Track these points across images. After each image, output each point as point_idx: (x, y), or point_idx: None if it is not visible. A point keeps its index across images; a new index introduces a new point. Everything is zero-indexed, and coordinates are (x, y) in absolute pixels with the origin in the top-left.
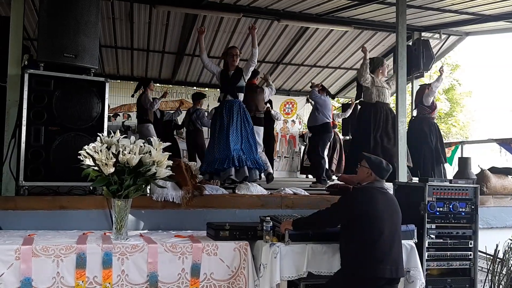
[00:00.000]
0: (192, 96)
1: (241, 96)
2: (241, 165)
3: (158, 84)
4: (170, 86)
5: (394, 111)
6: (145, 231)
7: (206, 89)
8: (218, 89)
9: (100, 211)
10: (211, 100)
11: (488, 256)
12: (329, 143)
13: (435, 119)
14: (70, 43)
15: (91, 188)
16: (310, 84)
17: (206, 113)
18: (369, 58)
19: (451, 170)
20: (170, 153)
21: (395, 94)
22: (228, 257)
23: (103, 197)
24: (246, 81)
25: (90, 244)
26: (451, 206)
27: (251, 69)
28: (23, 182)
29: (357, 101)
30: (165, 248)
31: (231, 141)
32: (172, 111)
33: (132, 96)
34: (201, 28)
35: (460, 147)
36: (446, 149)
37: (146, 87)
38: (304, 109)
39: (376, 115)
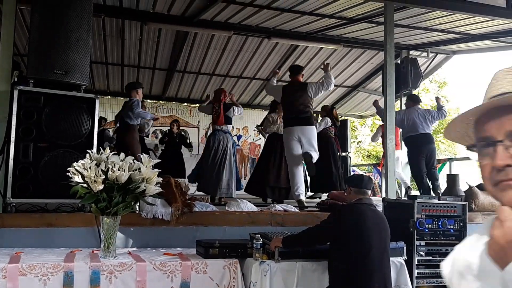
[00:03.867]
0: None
1: None
2: None
3: (148, 100)
4: (161, 102)
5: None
6: (134, 249)
7: (197, 105)
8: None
9: (88, 228)
10: (201, 116)
11: None
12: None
13: None
14: (61, 59)
15: (80, 205)
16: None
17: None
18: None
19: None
20: (160, 170)
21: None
22: (218, 275)
23: (92, 214)
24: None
25: (77, 262)
26: (440, 223)
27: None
28: (11, 199)
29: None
30: (154, 266)
31: None
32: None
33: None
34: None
35: (448, 163)
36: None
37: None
38: None
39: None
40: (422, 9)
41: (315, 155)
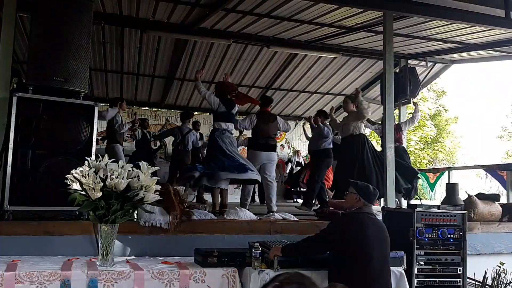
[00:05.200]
0: (181, 115)
1: None
2: None
3: (147, 108)
4: (160, 109)
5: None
6: (132, 257)
7: (196, 112)
8: (208, 113)
9: (86, 236)
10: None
11: (477, 283)
12: (327, 168)
13: None
14: (60, 66)
15: (77, 213)
16: (302, 113)
17: (198, 135)
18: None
19: (438, 195)
20: (159, 178)
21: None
22: (216, 284)
23: (89, 222)
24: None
25: (75, 270)
26: (439, 232)
27: None
28: (8, 207)
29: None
30: (151, 275)
31: None
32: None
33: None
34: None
35: (447, 173)
36: (432, 175)
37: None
38: (293, 133)
39: (345, 149)
40: (421, 18)
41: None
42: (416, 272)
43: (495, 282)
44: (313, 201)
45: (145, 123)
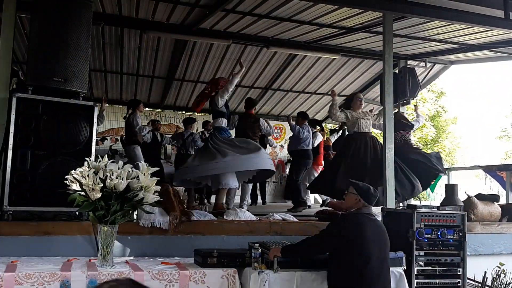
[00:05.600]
0: (183, 121)
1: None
2: None
3: (147, 108)
4: (159, 110)
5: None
6: (131, 258)
7: (195, 113)
8: (207, 114)
9: (85, 237)
10: (199, 124)
11: (476, 283)
12: (304, 169)
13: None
14: (60, 67)
15: (77, 213)
16: (296, 112)
17: (199, 136)
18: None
19: (438, 196)
20: (158, 178)
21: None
22: (216, 285)
23: (89, 222)
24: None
25: (74, 271)
26: (439, 233)
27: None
28: (8, 207)
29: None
30: (151, 275)
31: None
32: (168, 135)
33: (124, 118)
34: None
35: (446, 173)
36: None
37: (135, 108)
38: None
39: (350, 144)
40: (420, 19)
41: None
42: (415, 273)
43: (495, 282)
44: (304, 199)
45: (156, 124)
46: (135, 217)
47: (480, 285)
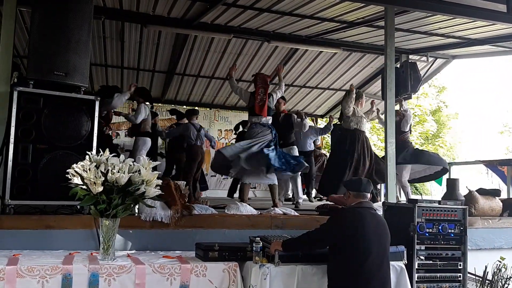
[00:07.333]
0: (187, 112)
1: None
2: None
3: (147, 103)
4: (160, 104)
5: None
6: (133, 252)
7: (196, 108)
8: (208, 108)
9: (87, 230)
10: (200, 119)
11: (477, 277)
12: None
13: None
14: (61, 61)
15: (78, 207)
16: (303, 108)
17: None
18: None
19: (438, 191)
20: (159, 172)
21: (383, 115)
22: (217, 279)
23: (91, 216)
24: None
25: (76, 264)
26: (440, 227)
27: None
28: (9, 201)
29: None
30: (153, 269)
31: None
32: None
33: (133, 110)
34: None
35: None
36: None
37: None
38: None
39: (353, 140)
40: (422, 13)
41: None
42: (416, 267)
43: (496, 277)
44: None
45: (154, 119)
46: (136, 211)
47: (480, 279)
